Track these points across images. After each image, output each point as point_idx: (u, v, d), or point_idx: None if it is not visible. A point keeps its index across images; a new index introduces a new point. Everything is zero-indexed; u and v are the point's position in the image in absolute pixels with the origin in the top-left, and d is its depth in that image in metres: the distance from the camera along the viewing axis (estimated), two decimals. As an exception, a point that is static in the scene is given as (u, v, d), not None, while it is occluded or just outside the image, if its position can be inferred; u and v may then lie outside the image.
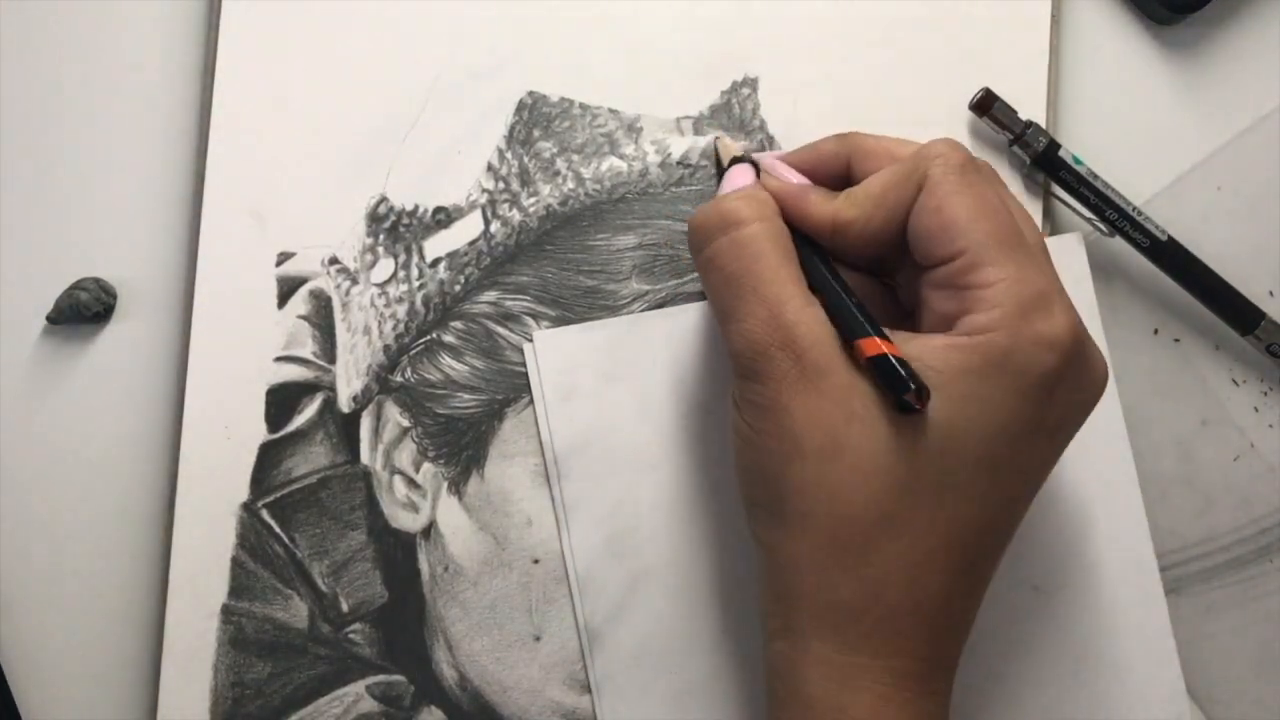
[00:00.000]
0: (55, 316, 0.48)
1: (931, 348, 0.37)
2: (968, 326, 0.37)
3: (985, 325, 0.37)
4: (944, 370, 0.37)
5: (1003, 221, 0.38)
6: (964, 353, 0.37)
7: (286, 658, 0.47)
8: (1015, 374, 0.36)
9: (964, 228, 0.38)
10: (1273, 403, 0.50)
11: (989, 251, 0.37)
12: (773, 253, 0.39)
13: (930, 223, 0.38)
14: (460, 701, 0.47)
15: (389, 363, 0.48)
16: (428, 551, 0.47)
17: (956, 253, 0.38)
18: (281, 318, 0.48)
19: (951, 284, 0.38)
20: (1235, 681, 0.48)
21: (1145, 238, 0.48)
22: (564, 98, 0.49)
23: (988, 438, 0.37)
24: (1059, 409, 0.38)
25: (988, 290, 0.37)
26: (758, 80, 0.50)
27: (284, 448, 0.47)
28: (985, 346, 0.37)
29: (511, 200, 0.49)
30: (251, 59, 0.49)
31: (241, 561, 0.47)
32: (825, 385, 0.37)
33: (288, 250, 0.48)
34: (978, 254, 0.37)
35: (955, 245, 0.38)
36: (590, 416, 0.47)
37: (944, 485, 0.37)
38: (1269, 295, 0.50)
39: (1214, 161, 0.50)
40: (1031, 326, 0.37)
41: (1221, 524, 0.49)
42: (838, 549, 0.37)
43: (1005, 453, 0.37)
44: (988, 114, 0.49)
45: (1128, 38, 0.51)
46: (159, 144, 0.49)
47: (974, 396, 0.36)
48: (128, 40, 0.50)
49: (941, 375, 0.37)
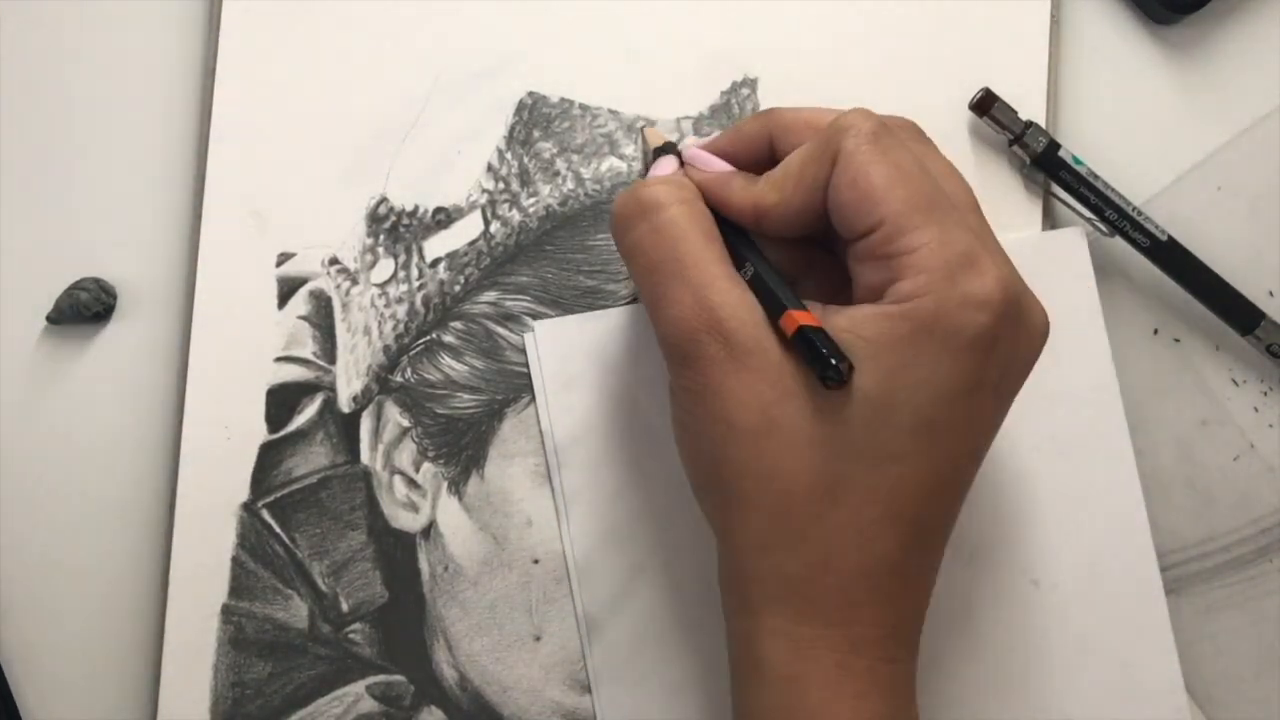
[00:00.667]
0: (55, 316, 0.48)
1: (861, 317, 0.37)
2: (895, 294, 0.37)
3: (912, 291, 0.36)
4: (874, 339, 0.36)
5: (921, 185, 0.37)
6: (893, 320, 0.36)
7: (287, 658, 0.47)
8: (946, 336, 0.36)
9: (881, 197, 0.37)
10: (1273, 403, 0.50)
11: (909, 218, 0.37)
12: (694, 235, 0.39)
13: (847, 196, 0.38)
14: (460, 701, 0.47)
15: (389, 363, 0.48)
16: (428, 551, 0.47)
17: (876, 223, 0.37)
18: (282, 318, 0.48)
19: (875, 255, 0.37)
20: (1235, 681, 0.48)
21: (1145, 238, 0.48)
22: (564, 98, 0.49)
23: (924, 402, 0.36)
24: (998, 366, 0.37)
25: (911, 256, 0.36)
26: (757, 80, 0.50)
27: (284, 448, 0.47)
28: (913, 312, 0.36)
29: (511, 200, 0.49)
30: (252, 60, 0.49)
31: (242, 561, 0.47)
32: (755, 364, 0.37)
33: (288, 251, 0.48)
34: (897, 222, 0.37)
35: (874, 216, 0.37)
36: (590, 406, 0.47)
37: (881, 452, 0.37)
38: (1269, 295, 0.50)
39: (1214, 161, 0.50)
40: (959, 287, 0.36)
41: (1221, 524, 0.49)
42: (781, 524, 0.37)
43: (944, 414, 0.37)
44: (987, 114, 0.49)
45: (1128, 38, 0.51)
46: (159, 144, 0.49)
47: (906, 363, 0.36)
48: (128, 40, 0.50)
49: (872, 345, 0.36)
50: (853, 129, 0.38)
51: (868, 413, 0.36)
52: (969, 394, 0.37)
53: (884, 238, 0.37)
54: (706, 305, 0.38)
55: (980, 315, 0.36)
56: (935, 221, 0.37)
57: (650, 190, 0.40)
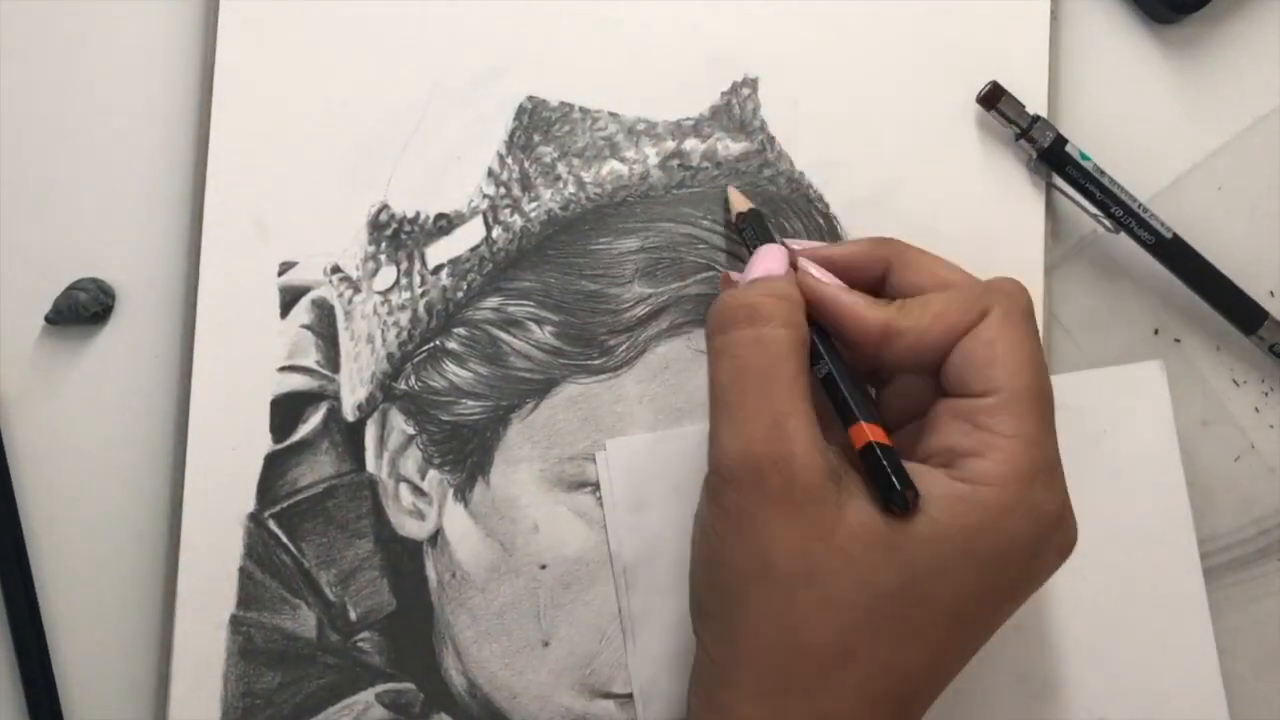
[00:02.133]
0: (54, 316, 0.48)
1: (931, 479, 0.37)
2: (973, 471, 0.37)
3: (993, 478, 0.37)
4: (939, 517, 0.36)
5: (1042, 380, 0.38)
6: (966, 504, 0.36)
7: (296, 667, 0.47)
8: (1005, 538, 0.36)
9: (1008, 370, 0.38)
10: (1273, 403, 0.50)
11: (1020, 404, 0.37)
12: (792, 360, 0.38)
13: (979, 354, 0.38)
14: (470, 708, 0.47)
15: (393, 370, 0.48)
16: (435, 559, 0.47)
17: (990, 390, 0.38)
18: (284, 327, 0.48)
19: (972, 419, 0.38)
20: (1235, 681, 0.49)
21: (1150, 235, 0.48)
22: (564, 102, 0.49)
23: (961, 592, 0.36)
24: (1030, 573, 0.38)
25: (1004, 440, 0.37)
26: (757, 81, 0.50)
27: (289, 457, 0.47)
28: (986, 503, 0.36)
29: (513, 205, 0.49)
30: (250, 67, 0.48)
31: (249, 572, 0.47)
32: (810, 510, 0.36)
33: (289, 260, 0.48)
34: (1009, 400, 0.37)
35: (993, 383, 0.38)
36: (659, 528, 0.47)
37: (908, 631, 0.36)
38: (1270, 295, 0.50)
39: (1214, 161, 0.50)
40: (1033, 494, 0.37)
41: (1221, 524, 0.49)
42: (787, 678, 0.36)
43: (972, 609, 0.37)
44: (995, 107, 0.49)
45: (1128, 37, 0.51)
46: (159, 145, 0.49)
47: (965, 550, 0.36)
48: (128, 42, 0.49)
49: (936, 523, 0.36)
50: (1010, 296, 0.39)
51: (909, 586, 0.36)
52: (1001, 595, 0.38)
53: (988, 407, 0.37)
54: (782, 433, 0.37)
55: (1038, 527, 0.37)
56: (1038, 420, 0.37)
57: (764, 301, 0.39)
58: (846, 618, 0.36)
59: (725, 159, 0.49)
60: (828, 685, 0.36)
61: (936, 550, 0.36)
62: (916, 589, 0.36)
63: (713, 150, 0.49)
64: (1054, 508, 0.37)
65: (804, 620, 0.36)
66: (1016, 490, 0.36)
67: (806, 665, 0.36)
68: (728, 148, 0.49)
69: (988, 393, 0.38)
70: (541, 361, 0.48)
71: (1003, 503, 0.36)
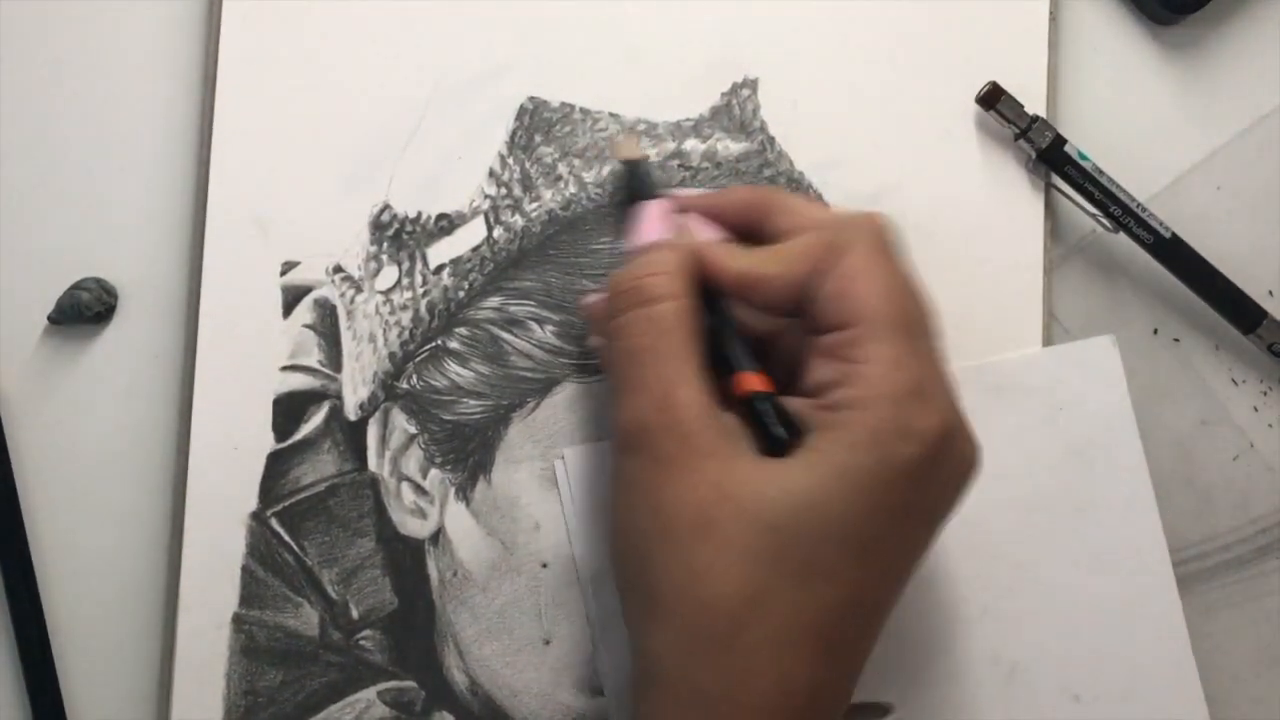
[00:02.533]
0: (57, 316, 0.48)
1: (800, 405, 0.38)
2: (837, 398, 0.37)
3: (854, 401, 0.37)
4: (814, 447, 0.37)
5: (905, 306, 0.39)
6: (834, 431, 0.37)
7: (298, 665, 0.47)
8: (880, 459, 0.36)
9: (864, 301, 0.38)
10: (1272, 402, 0.50)
11: (880, 330, 0.38)
12: (678, 331, 0.39)
13: (835, 288, 0.39)
14: (471, 706, 0.47)
15: (395, 370, 0.48)
16: (436, 557, 0.48)
17: (850, 322, 0.38)
18: (287, 327, 0.48)
19: (835, 353, 0.38)
20: (1235, 681, 0.49)
21: (1149, 234, 0.48)
22: (564, 102, 0.49)
23: (853, 520, 0.36)
24: (929, 496, 0.38)
25: (863, 366, 0.37)
26: (758, 81, 0.50)
27: (291, 456, 0.48)
28: (851, 425, 0.37)
29: (514, 205, 0.49)
30: (252, 67, 0.49)
31: (251, 570, 0.47)
32: (703, 465, 0.37)
33: (291, 259, 0.48)
34: (869, 329, 0.38)
35: (852, 315, 0.38)
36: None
37: (811, 568, 0.36)
38: (1269, 295, 0.50)
39: (1214, 161, 0.51)
40: (903, 413, 0.37)
41: (1221, 524, 0.50)
42: (702, 633, 0.36)
43: (871, 535, 0.37)
44: (994, 108, 0.49)
45: (1127, 38, 0.51)
46: (160, 145, 0.49)
47: (840, 470, 0.36)
48: (130, 43, 0.49)
49: (811, 454, 0.37)
50: (868, 231, 0.39)
51: (802, 522, 0.36)
52: (901, 519, 0.37)
53: (849, 339, 0.38)
54: (671, 402, 0.38)
55: (912, 447, 0.37)
56: (902, 343, 0.38)
57: (649, 281, 0.40)
58: (748, 564, 0.36)
59: (725, 159, 0.49)
60: (744, 634, 0.36)
61: (816, 480, 0.36)
62: (810, 524, 0.36)
63: (713, 151, 0.49)
64: (931, 425, 0.37)
65: (707, 572, 0.36)
66: (881, 411, 0.37)
67: (717, 618, 0.36)
68: (728, 148, 0.49)
69: (846, 325, 0.38)
70: (543, 361, 0.48)
71: (868, 425, 0.37)
